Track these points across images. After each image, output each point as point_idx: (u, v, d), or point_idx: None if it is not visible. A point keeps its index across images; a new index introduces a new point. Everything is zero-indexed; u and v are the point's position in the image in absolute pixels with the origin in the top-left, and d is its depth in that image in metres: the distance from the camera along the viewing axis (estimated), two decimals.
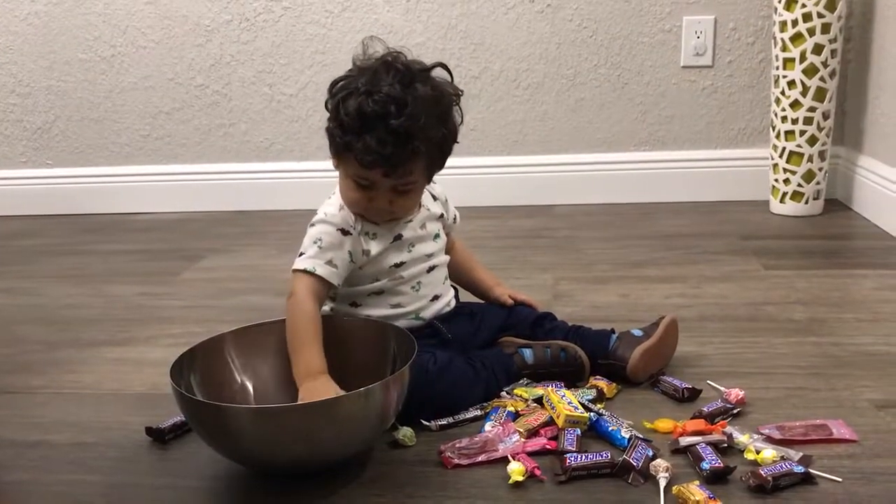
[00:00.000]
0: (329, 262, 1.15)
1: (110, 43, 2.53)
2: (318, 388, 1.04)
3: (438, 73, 1.17)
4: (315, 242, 1.16)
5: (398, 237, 1.21)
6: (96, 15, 2.51)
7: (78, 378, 1.40)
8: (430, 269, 1.25)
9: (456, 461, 1.04)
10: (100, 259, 2.16)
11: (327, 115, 1.16)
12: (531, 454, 1.04)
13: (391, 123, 1.08)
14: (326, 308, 1.25)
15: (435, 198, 1.29)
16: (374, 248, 1.19)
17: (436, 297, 1.26)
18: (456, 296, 1.33)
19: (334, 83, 1.17)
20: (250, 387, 1.15)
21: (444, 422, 1.13)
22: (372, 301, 1.22)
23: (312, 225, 1.19)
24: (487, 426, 1.11)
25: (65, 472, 1.09)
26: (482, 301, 1.38)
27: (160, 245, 2.27)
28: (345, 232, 1.17)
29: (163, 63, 2.53)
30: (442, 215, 1.30)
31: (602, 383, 1.21)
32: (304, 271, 1.14)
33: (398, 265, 1.21)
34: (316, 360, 1.08)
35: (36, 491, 1.05)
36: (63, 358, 1.49)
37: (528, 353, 1.25)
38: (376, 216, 1.19)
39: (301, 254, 1.17)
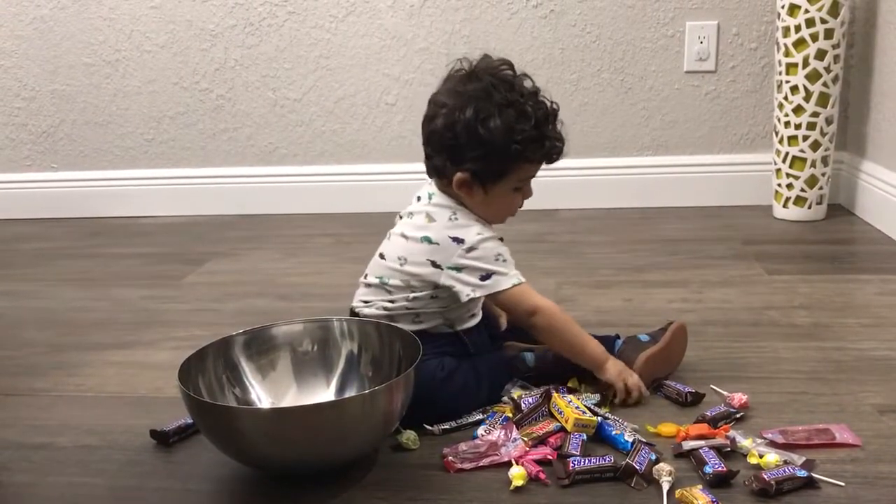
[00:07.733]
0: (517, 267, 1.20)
1: (115, 47, 2.54)
2: (618, 365, 1.20)
3: None
4: (497, 259, 1.18)
5: None
6: (101, 19, 2.52)
7: (82, 381, 1.40)
8: None
9: (459, 465, 1.04)
10: (104, 262, 2.17)
11: (480, 142, 1.17)
12: (534, 460, 1.04)
13: (555, 112, 1.26)
14: (368, 309, 1.21)
15: None
16: None
17: (473, 315, 1.26)
18: None
19: (477, 111, 1.16)
20: (257, 389, 1.16)
21: (446, 426, 1.14)
22: (432, 318, 1.20)
23: (473, 248, 1.16)
24: (480, 430, 1.11)
25: (69, 474, 1.10)
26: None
27: (164, 249, 2.27)
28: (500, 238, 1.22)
29: (167, 67, 2.54)
30: None
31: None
32: (520, 284, 1.18)
33: None
34: (601, 348, 1.21)
35: (40, 493, 1.06)
36: (67, 361, 1.49)
37: (529, 356, 1.26)
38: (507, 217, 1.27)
39: (487, 275, 1.16)
